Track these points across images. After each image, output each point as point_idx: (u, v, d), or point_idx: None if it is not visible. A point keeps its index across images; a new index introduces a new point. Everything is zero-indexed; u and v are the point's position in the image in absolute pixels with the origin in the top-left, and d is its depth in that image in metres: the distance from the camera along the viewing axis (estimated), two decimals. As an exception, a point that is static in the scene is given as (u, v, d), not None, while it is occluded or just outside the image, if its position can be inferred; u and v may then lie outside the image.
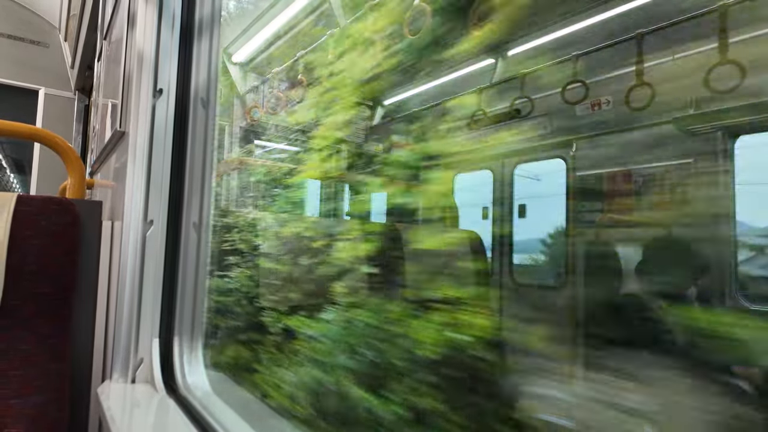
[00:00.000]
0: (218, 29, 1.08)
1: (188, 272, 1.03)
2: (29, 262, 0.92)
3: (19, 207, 0.92)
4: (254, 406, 1.21)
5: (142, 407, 0.91)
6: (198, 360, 1.02)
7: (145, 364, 0.99)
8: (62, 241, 0.97)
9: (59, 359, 0.95)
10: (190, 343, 1.02)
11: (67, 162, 1.20)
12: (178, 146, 1.05)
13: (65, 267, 0.97)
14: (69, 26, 4.15)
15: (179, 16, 1.08)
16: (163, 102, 1.04)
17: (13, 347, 0.90)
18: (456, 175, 2.91)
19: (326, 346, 1.28)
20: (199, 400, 0.91)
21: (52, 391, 0.92)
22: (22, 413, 0.87)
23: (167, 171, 1.03)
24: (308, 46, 2.59)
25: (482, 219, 3.14)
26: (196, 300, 1.03)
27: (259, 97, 3.17)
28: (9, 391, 0.87)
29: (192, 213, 1.05)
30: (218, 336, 1.49)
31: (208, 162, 1.06)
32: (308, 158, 1.83)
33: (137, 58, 1.05)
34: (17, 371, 0.89)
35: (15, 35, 4.38)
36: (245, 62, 3.25)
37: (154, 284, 1.00)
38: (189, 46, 1.08)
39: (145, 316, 0.99)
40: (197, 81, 1.08)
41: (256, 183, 2.25)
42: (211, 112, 1.08)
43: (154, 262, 1.01)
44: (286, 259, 1.53)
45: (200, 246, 1.05)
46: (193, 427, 0.80)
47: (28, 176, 4.36)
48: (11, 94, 4.27)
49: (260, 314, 1.49)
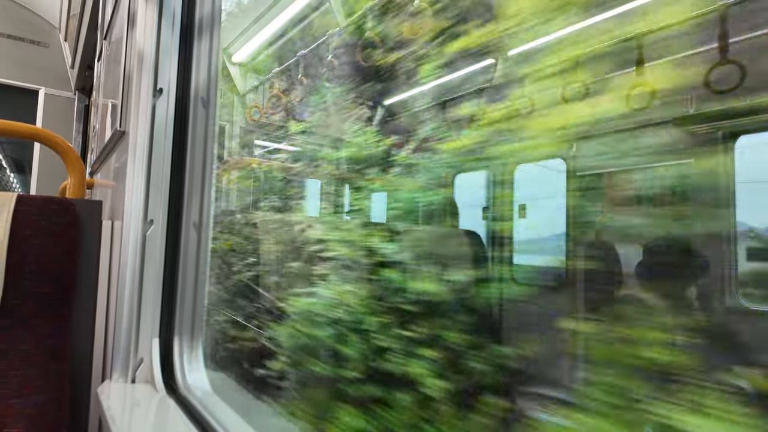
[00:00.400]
0: (218, 29, 1.08)
1: (188, 272, 1.03)
2: (29, 262, 0.92)
3: (19, 207, 0.92)
4: (254, 406, 1.21)
5: (142, 407, 0.91)
6: (198, 360, 1.02)
7: (145, 363, 0.99)
8: (62, 241, 0.97)
9: (59, 359, 0.95)
10: (190, 342, 1.02)
11: (67, 162, 1.20)
12: (178, 146, 1.05)
13: (65, 267, 0.97)
14: (69, 26, 4.15)
15: (179, 15, 1.07)
16: (164, 101, 1.04)
17: (13, 347, 0.90)
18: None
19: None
20: (199, 399, 0.91)
21: (52, 390, 0.92)
22: (23, 413, 0.87)
23: (167, 171, 1.03)
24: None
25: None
26: (196, 300, 1.03)
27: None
28: (9, 390, 0.87)
29: (192, 213, 1.05)
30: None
31: (208, 162, 1.06)
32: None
33: (137, 58, 1.05)
34: (17, 371, 0.89)
35: (15, 35, 4.38)
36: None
37: (154, 284, 1.00)
38: (189, 46, 1.08)
39: (145, 316, 0.99)
40: (197, 80, 1.08)
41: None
42: (212, 111, 1.08)
43: (154, 261, 1.00)
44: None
45: (200, 246, 1.04)
46: (193, 427, 0.80)
47: (28, 176, 4.36)
48: (11, 94, 4.27)
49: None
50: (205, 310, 1.05)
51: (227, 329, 1.46)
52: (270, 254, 1.43)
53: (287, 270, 1.31)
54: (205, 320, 1.01)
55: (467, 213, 2.87)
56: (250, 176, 2.70)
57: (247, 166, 2.75)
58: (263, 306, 1.37)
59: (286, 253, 1.36)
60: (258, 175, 2.69)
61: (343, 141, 2.16)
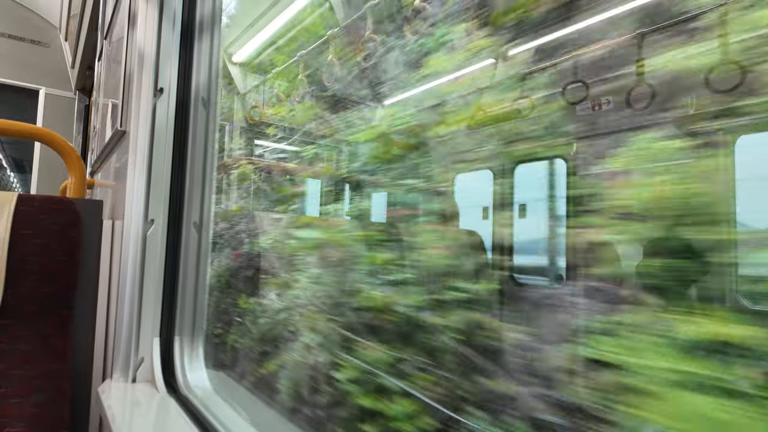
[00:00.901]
0: (219, 28, 1.08)
1: (189, 271, 1.03)
2: (30, 262, 0.92)
3: (20, 206, 0.92)
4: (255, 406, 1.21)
5: (143, 406, 0.91)
6: (199, 359, 1.02)
7: (145, 363, 0.99)
8: (63, 241, 0.97)
9: (60, 358, 0.95)
10: (191, 342, 1.02)
11: (67, 161, 1.20)
12: (178, 145, 1.05)
13: (66, 266, 0.97)
14: (69, 26, 4.15)
15: (180, 15, 1.07)
16: (164, 101, 1.04)
17: (14, 347, 0.90)
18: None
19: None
20: (199, 399, 0.91)
21: (53, 390, 0.92)
22: (23, 412, 0.87)
23: (168, 170, 1.03)
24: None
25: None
26: (196, 299, 1.03)
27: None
28: (10, 390, 0.87)
29: (193, 212, 1.05)
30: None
31: (209, 161, 1.06)
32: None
33: (138, 58, 1.05)
34: (18, 370, 0.89)
35: (15, 35, 4.38)
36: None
37: (154, 283, 1.00)
38: (190, 45, 1.08)
39: (145, 316, 0.99)
40: (198, 80, 1.08)
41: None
42: (212, 111, 1.08)
43: (154, 261, 1.01)
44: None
45: (201, 245, 1.04)
46: (193, 426, 0.80)
47: (28, 176, 4.36)
48: (12, 94, 4.27)
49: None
50: (205, 309, 1.05)
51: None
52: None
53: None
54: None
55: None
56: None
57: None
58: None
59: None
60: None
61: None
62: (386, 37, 2.15)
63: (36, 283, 0.93)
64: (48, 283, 0.94)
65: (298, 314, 1.48)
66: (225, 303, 1.72)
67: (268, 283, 1.65)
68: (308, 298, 1.50)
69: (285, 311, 1.53)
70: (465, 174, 3.29)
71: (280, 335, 1.51)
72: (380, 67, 2.26)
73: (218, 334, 1.66)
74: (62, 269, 0.97)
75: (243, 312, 1.67)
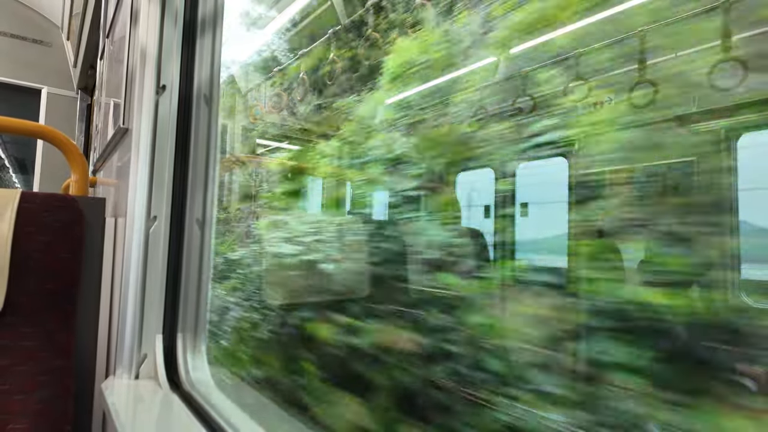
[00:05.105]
0: (221, 26, 1.09)
1: (192, 268, 1.03)
2: (33, 259, 0.92)
3: (23, 204, 0.93)
4: (258, 402, 1.21)
5: (146, 403, 0.91)
6: (201, 356, 1.02)
7: (148, 359, 0.99)
8: (66, 238, 0.97)
9: (63, 355, 0.95)
10: (194, 338, 1.02)
11: (70, 159, 1.21)
12: (181, 143, 1.05)
13: (69, 263, 0.98)
14: (71, 25, 4.15)
15: (182, 12, 1.08)
16: (167, 99, 1.04)
17: (18, 343, 0.90)
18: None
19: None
20: (202, 395, 0.92)
21: (57, 386, 0.92)
22: (27, 409, 0.87)
23: (170, 167, 1.04)
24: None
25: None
26: (199, 296, 1.03)
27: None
28: (13, 386, 0.88)
29: (195, 209, 1.05)
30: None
31: (211, 158, 1.06)
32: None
33: (140, 56, 1.05)
34: (21, 367, 0.89)
35: (17, 34, 4.39)
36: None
37: (157, 280, 1.00)
38: (192, 43, 1.08)
39: (148, 312, 0.99)
40: (200, 78, 1.08)
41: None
42: (214, 108, 1.08)
43: (157, 258, 1.01)
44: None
45: (203, 242, 1.05)
46: (196, 423, 0.80)
47: (30, 176, 4.37)
48: (14, 94, 4.28)
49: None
50: (208, 306, 1.05)
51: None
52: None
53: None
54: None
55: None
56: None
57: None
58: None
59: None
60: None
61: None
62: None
63: (39, 280, 0.93)
64: (51, 280, 0.95)
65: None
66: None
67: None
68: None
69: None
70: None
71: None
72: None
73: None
74: (65, 266, 0.97)
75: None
